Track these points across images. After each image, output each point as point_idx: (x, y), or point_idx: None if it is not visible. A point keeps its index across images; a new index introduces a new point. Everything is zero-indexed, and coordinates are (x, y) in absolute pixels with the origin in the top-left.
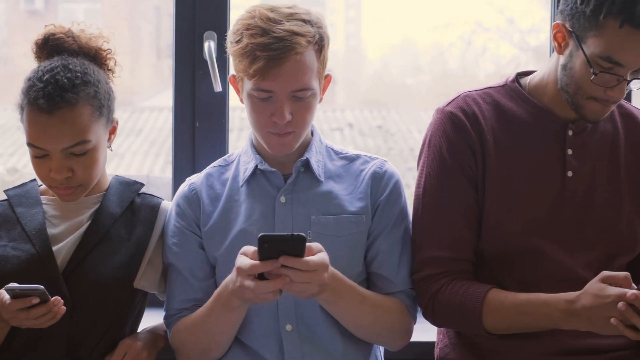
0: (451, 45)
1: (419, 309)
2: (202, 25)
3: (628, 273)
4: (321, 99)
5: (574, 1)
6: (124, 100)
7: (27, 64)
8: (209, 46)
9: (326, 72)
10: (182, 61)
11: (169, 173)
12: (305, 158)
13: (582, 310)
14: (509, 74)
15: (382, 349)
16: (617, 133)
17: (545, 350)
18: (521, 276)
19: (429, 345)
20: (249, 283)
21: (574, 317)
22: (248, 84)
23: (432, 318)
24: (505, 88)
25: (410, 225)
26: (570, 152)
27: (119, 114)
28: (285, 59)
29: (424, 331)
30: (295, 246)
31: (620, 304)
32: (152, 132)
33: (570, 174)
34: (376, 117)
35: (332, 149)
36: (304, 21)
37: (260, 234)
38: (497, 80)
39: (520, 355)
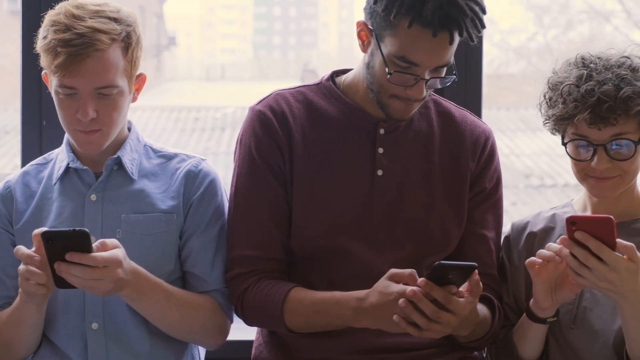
0: None
1: None
2: None
3: (413, 270)
4: (135, 99)
5: (370, 0)
6: None
7: (10, 64)
8: None
9: (139, 72)
10: (29, 59)
11: None
12: (116, 156)
13: (369, 308)
14: (491, 73)
15: (201, 348)
16: (432, 132)
17: (349, 348)
18: (329, 275)
19: (249, 344)
20: (21, 267)
21: (363, 315)
22: (54, 81)
23: (242, 317)
24: (319, 87)
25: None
26: (381, 150)
27: None
28: (84, 55)
29: (245, 330)
30: (79, 242)
31: (401, 300)
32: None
33: (380, 172)
34: None
35: (151, 148)
36: (110, 19)
37: (42, 230)
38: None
39: (324, 354)
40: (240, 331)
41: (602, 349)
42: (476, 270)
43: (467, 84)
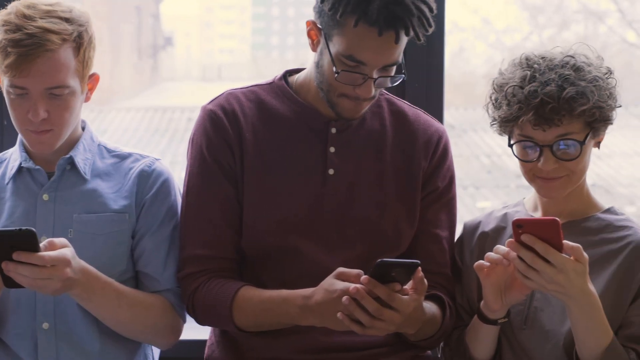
0: None
1: None
2: None
3: (360, 270)
4: (88, 99)
5: None
6: (104, 99)
7: None
8: None
9: (92, 71)
10: None
11: None
12: (69, 156)
13: (315, 305)
14: (486, 73)
15: (155, 347)
16: (385, 131)
17: (299, 347)
18: (280, 274)
19: (203, 343)
20: None
21: (309, 313)
22: (5, 81)
23: (194, 316)
24: (272, 86)
25: None
26: (332, 149)
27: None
28: (34, 55)
29: (199, 329)
30: (26, 241)
31: (344, 298)
32: (129, 132)
33: (331, 171)
34: None
35: (105, 147)
36: (62, 19)
37: None
38: (472, 80)
39: (275, 353)
40: (194, 330)
41: (552, 350)
42: (419, 268)
43: (429, 85)
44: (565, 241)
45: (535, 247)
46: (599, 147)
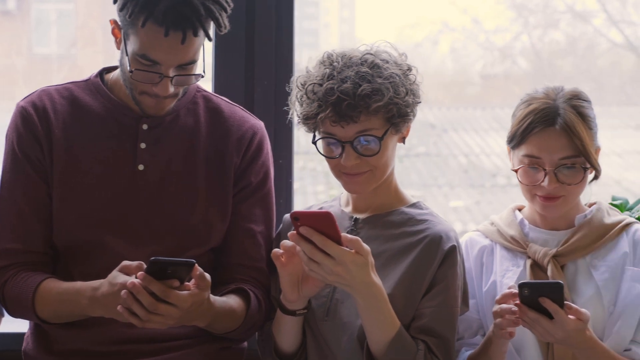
0: (418, 45)
1: None
2: None
3: (141, 263)
4: None
5: None
6: None
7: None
8: None
9: None
10: None
11: None
12: None
13: (101, 297)
14: (477, 72)
15: None
16: (199, 127)
17: (101, 339)
18: (88, 268)
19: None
20: None
21: (97, 304)
22: None
23: (5, 308)
24: (87, 83)
25: None
26: (143, 145)
27: None
28: None
29: (22, 322)
30: None
31: (122, 292)
32: None
33: (141, 167)
34: None
35: None
36: None
37: None
38: (462, 80)
39: (80, 344)
40: (14, 323)
41: (348, 341)
42: (197, 266)
43: (278, 82)
44: (344, 234)
45: (313, 239)
46: (404, 142)
